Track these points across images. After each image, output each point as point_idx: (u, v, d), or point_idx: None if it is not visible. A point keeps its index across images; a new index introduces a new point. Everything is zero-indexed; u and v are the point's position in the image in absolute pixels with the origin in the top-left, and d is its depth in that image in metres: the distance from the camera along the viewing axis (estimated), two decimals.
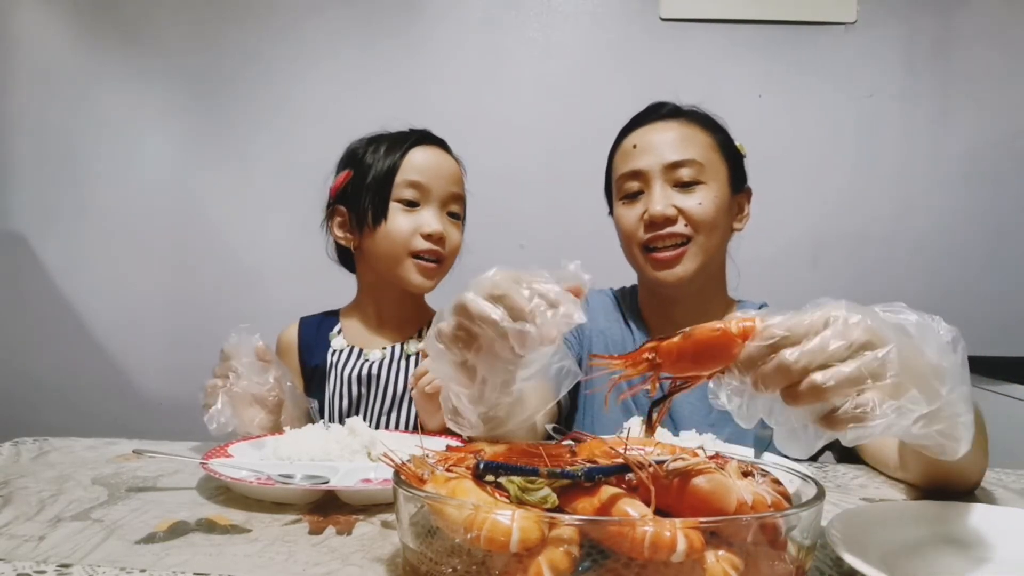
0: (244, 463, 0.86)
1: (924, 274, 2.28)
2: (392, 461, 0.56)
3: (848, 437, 0.55)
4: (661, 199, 1.13)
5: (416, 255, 1.21)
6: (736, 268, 1.27)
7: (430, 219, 1.21)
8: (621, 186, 1.19)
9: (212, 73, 2.35)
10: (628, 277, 1.29)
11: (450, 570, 0.49)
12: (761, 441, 0.87)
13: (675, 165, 1.13)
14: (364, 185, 1.22)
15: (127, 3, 2.35)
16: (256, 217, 2.36)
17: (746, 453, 0.84)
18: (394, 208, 1.21)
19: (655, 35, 2.29)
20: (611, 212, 1.26)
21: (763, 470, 0.58)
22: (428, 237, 1.21)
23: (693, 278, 1.14)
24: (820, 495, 0.53)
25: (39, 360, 2.39)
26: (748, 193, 1.24)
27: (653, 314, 1.25)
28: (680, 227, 1.13)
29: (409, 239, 1.20)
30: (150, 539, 0.66)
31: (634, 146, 1.18)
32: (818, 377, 0.53)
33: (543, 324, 0.62)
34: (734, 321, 0.58)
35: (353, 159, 1.26)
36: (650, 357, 0.61)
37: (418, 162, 1.23)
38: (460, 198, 1.28)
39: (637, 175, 1.16)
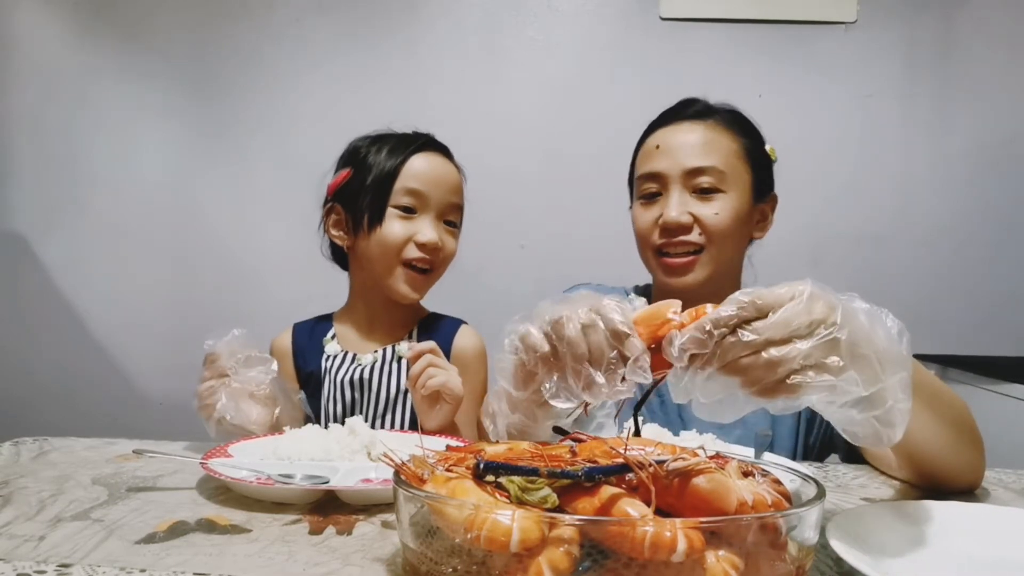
0: (244, 463, 0.85)
1: (924, 274, 2.28)
2: (392, 461, 0.56)
3: (777, 407, 0.59)
4: (677, 205, 1.10)
5: (407, 263, 1.20)
6: (754, 272, 1.25)
7: (426, 228, 1.20)
8: (640, 185, 1.16)
9: (211, 73, 2.35)
10: (628, 277, 1.29)
11: (450, 570, 0.49)
12: (761, 441, 0.87)
13: (695, 172, 1.11)
14: (363, 187, 1.21)
15: (127, 3, 2.35)
16: (256, 217, 2.36)
17: (746, 453, 0.84)
18: (391, 214, 1.20)
19: (655, 35, 2.29)
20: (630, 207, 1.24)
21: (763, 470, 0.58)
22: (422, 247, 1.20)
23: (702, 286, 1.12)
24: (820, 495, 0.53)
25: (39, 360, 2.39)
26: (774, 200, 1.20)
27: None
28: (694, 236, 1.11)
29: (402, 247, 1.20)
30: (150, 539, 0.66)
31: (657, 146, 1.15)
32: (775, 352, 0.57)
33: (613, 386, 0.64)
34: (688, 312, 0.63)
35: (354, 158, 1.25)
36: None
37: (418, 169, 1.21)
38: (458, 207, 1.26)
39: (656, 177, 1.14)
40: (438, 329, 1.30)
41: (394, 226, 1.20)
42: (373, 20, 2.33)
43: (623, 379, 0.64)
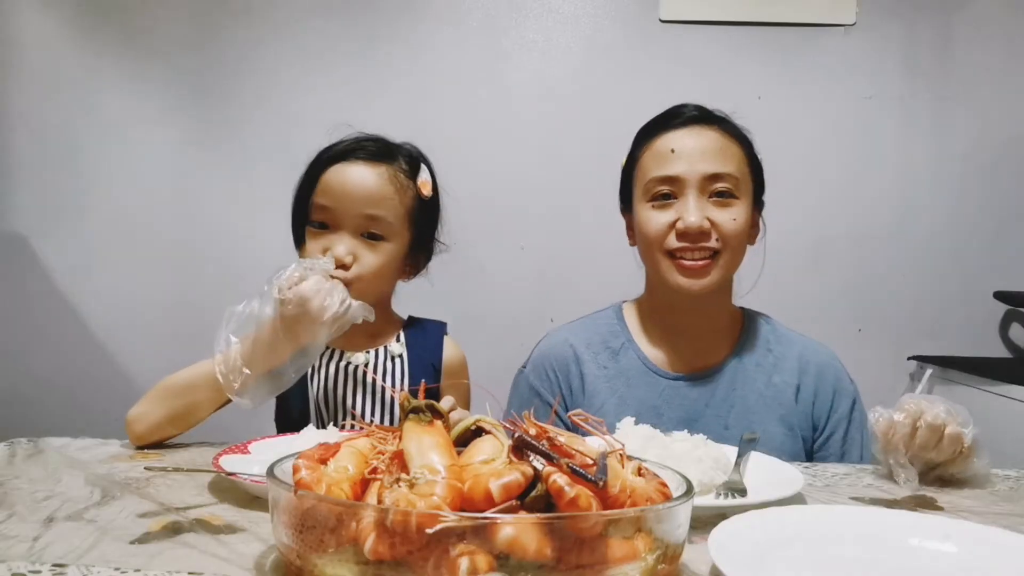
0: (261, 459, 0.85)
1: (924, 274, 2.28)
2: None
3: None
4: (696, 210, 1.10)
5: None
6: (738, 279, 1.25)
7: (335, 243, 1.15)
8: (651, 188, 1.14)
9: (212, 74, 2.36)
10: (627, 277, 1.28)
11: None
12: (745, 444, 0.88)
13: (714, 177, 1.11)
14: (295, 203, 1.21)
15: (128, 4, 2.35)
16: (256, 217, 2.35)
17: (733, 451, 0.89)
18: (309, 232, 1.18)
19: (655, 37, 2.29)
20: (622, 209, 1.24)
21: (655, 474, 0.61)
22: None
23: (714, 289, 1.13)
24: (685, 495, 0.57)
25: (39, 360, 2.39)
26: (762, 207, 1.21)
27: (657, 324, 1.22)
28: (711, 241, 1.11)
29: None
30: (144, 539, 0.66)
31: (672, 150, 1.13)
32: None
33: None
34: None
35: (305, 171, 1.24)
36: None
37: (329, 182, 1.17)
38: (376, 219, 1.15)
39: (672, 181, 1.12)
40: (424, 330, 1.28)
41: (310, 244, 1.17)
42: (374, 22, 2.32)
43: None
